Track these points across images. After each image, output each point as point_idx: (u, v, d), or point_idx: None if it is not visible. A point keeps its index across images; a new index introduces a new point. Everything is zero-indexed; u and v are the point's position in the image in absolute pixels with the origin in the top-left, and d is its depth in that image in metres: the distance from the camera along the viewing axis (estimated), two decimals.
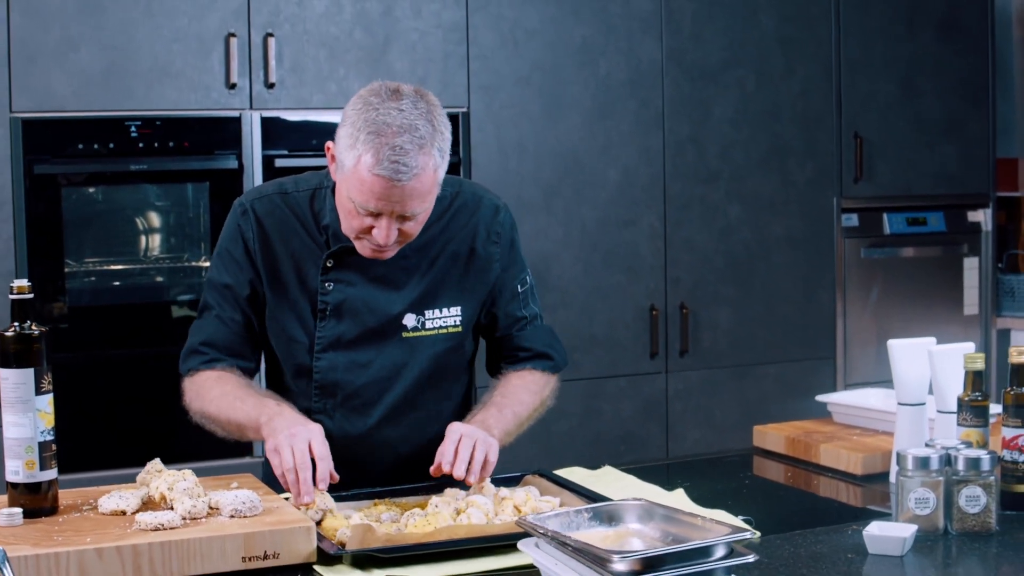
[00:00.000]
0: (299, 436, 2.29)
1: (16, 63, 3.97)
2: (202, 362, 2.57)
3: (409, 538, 2.10)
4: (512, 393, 2.63)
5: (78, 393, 4.09)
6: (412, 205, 2.35)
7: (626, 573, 1.74)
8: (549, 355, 2.73)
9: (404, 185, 2.31)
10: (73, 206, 4.09)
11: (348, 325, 2.54)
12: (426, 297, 2.57)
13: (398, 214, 2.36)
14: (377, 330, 2.55)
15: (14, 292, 2.17)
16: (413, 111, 2.33)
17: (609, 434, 4.76)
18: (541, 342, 2.72)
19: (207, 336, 2.58)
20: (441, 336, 2.59)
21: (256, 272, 2.56)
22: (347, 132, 2.35)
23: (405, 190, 2.32)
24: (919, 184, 5.24)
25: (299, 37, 4.28)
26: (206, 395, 2.54)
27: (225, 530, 2.06)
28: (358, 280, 2.54)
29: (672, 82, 4.80)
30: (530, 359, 2.71)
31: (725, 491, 2.60)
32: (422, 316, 2.57)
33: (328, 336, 2.54)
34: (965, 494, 2.22)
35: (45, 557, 1.95)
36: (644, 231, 4.79)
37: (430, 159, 2.33)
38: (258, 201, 2.58)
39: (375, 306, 2.54)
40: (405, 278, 2.56)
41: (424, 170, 2.32)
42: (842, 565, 2.05)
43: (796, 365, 5.05)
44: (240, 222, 2.57)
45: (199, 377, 2.57)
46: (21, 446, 2.16)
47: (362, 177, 2.31)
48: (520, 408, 2.62)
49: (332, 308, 2.53)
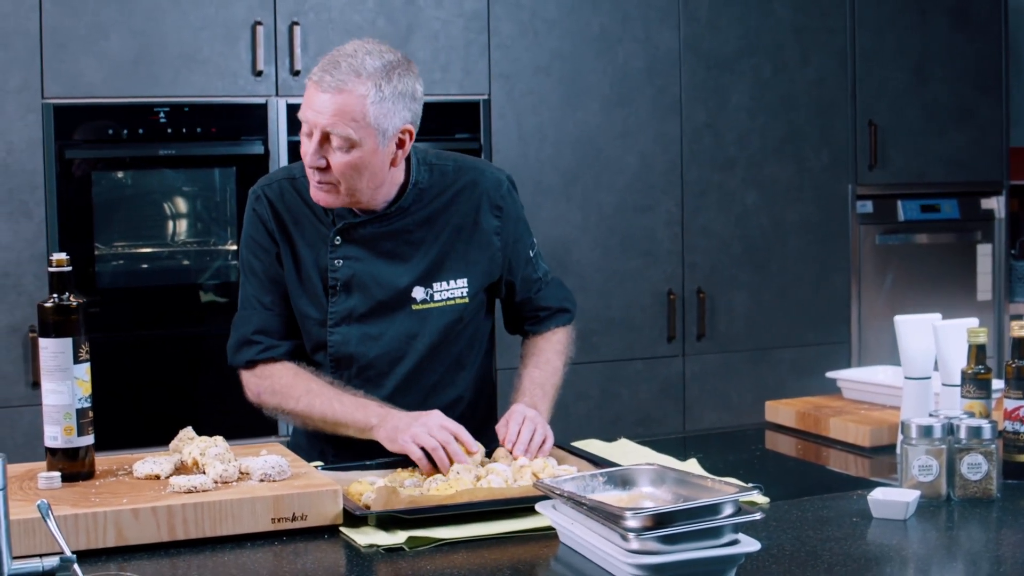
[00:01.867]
0: (430, 422, 2.44)
1: (48, 50, 4.07)
2: (259, 352, 2.66)
3: (431, 500, 2.19)
4: (547, 362, 2.79)
5: (106, 374, 4.18)
6: (332, 121, 2.46)
7: (638, 529, 1.82)
8: (566, 308, 2.88)
9: (325, 94, 2.45)
10: (103, 190, 4.19)
11: (359, 299, 2.64)
12: (433, 270, 2.67)
13: (323, 129, 2.46)
14: (387, 303, 2.65)
15: (53, 265, 2.26)
16: (368, 51, 2.50)
17: (627, 416, 4.85)
18: (557, 298, 2.87)
19: (257, 325, 2.67)
20: (449, 308, 2.68)
21: (278, 253, 2.66)
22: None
23: (326, 101, 2.45)
24: (933, 171, 5.31)
25: (324, 25, 4.37)
26: (288, 393, 2.62)
27: (255, 492, 2.15)
28: (365, 256, 2.63)
29: (689, 70, 4.88)
30: (550, 317, 2.86)
31: (737, 462, 2.69)
32: (430, 288, 2.67)
33: (340, 311, 2.64)
34: (967, 461, 2.30)
35: (84, 516, 2.04)
36: (661, 217, 4.87)
37: (362, 85, 2.46)
38: (268, 187, 2.69)
39: (383, 280, 2.64)
40: (411, 252, 2.65)
41: (350, 89, 2.45)
42: (847, 528, 2.13)
43: (811, 349, 5.12)
44: (256, 207, 2.68)
45: (269, 373, 2.66)
46: (60, 412, 2.26)
47: (306, 87, 2.50)
48: (556, 378, 2.78)
49: (342, 284, 2.63)
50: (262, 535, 2.13)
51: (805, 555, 1.99)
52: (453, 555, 2.04)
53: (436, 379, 2.72)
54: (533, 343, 2.83)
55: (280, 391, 2.63)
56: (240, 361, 2.68)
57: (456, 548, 2.07)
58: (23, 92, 4.05)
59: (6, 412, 4.03)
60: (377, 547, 2.07)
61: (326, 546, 2.10)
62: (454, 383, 2.75)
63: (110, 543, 2.05)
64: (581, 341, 4.65)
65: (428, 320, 2.67)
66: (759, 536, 2.05)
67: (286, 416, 2.66)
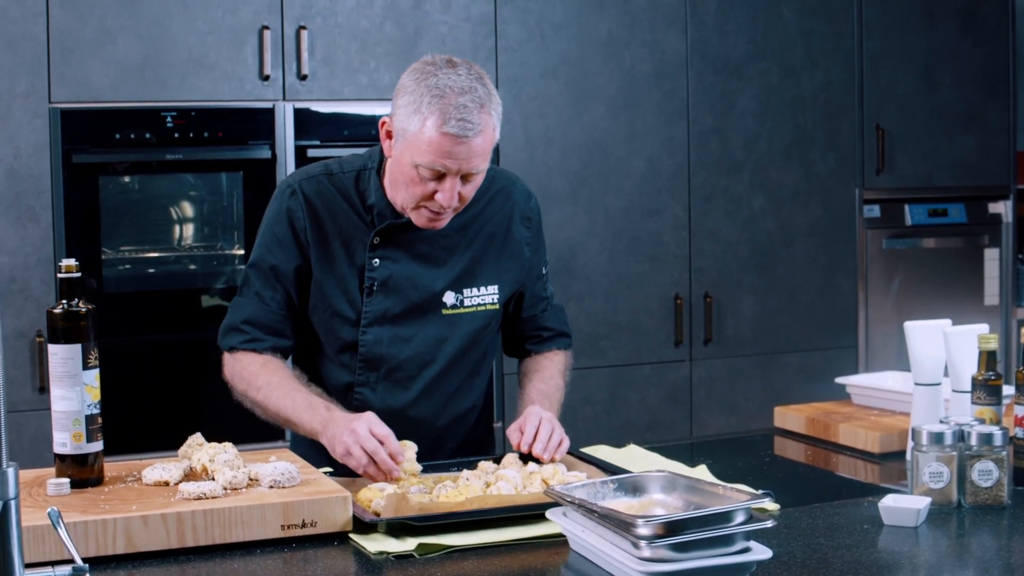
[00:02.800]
0: (359, 430, 2.42)
1: (55, 55, 4.07)
2: (243, 341, 2.67)
3: (441, 507, 2.19)
4: (551, 378, 2.80)
5: (114, 378, 4.18)
6: (476, 162, 2.46)
7: (650, 536, 1.82)
8: (567, 332, 2.91)
9: (470, 141, 2.43)
10: (110, 195, 4.19)
11: (394, 300, 2.64)
12: (465, 275, 2.68)
13: (464, 172, 2.47)
14: (420, 306, 2.66)
15: (62, 271, 2.26)
16: (469, 75, 2.46)
17: (634, 421, 4.84)
18: (559, 321, 2.89)
19: (248, 315, 2.67)
20: (479, 313, 2.70)
21: (303, 251, 2.64)
22: (408, 100, 2.46)
23: (471, 147, 2.43)
24: (940, 176, 5.30)
25: (331, 30, 4.37)
26: (252, 380, 2.64)
27: (265, 499, 2.14)
28: (403, 257, 2.64)
29: (696, 74, 4.88)
30: (552, 338, 2.87)
31: (746, 468, 2.68)
32: (461, 294, 2.68)
33: (375, 311, 2.64)
34: (978, 468, 2.29)
35: (94, 523, 2.04)
36: (668, 221, 4.87)
37: (490, 118, 2.46)
38: (306, 182, 2.67)
39: (418, 282, 2.65)
40: (446, 256, 2.66)
41: (486, 127, 2.45)
42: (858, 535, 2.13)
43: (818, 354, 5.12)
44: (289, 203, 2.66)
45: (243, 358, 2.67)
46: (68, 419, 2.26)
47: (430, 138, 2.43)
48: (560, 395, 2.80)
49: (379, 284, 2.63)
50: (272, 542, 2.13)
51: (816, 563, 1.98)
52: (463, 562, 2.03)
53: (456, 386, 2.74)
54: (536, 361, 2.85)
55: (246, 378, 2.65)
56: (224, 345, 2.70)
57: (466, 555, 2.07)
58: (30, 97, 4.05)
59: (13, 417, 4.03)
60: (387, 554, 2.06)
61: (336, 553, 2.10)
62: (471, 390, 2.77)
63: (120, 550, 2.05)
64: (589, 345, 4.72)
65: (457, 325, 2.69)
66: (770, 543, 2.05)
67: (250, 404, 2.66)
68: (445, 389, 2.72)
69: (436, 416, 2.72)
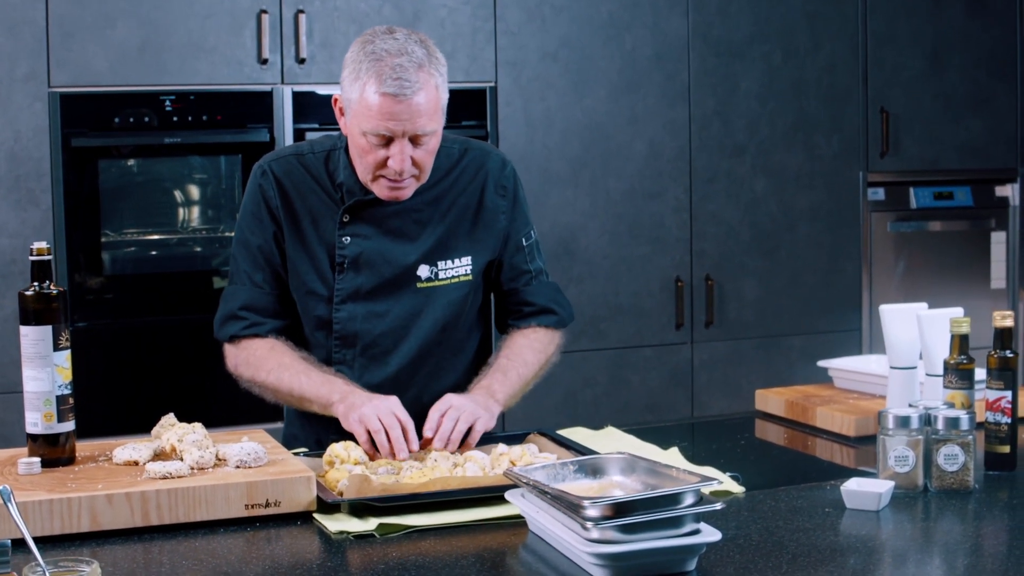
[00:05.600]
0: (382, 406, 2.46)
1: (54, 38, 4.10)
2: (243, 327, 2.69)
3: (404, 488, 2.20)
4: (517, 354, 2.74)
5: (116, 359, 4.23)
6: (421, 123, 2.48)
7: (597, 518, 1.83)
8: (553, 310, 2.82)
9: (410, 100, 2.45)
10: (109, 178, 4.22)
11: (366, 277, 2.66)
12: (438, 248, 2.69)
13: (409, 134, 2.49)
14: (393, 281, 2.67)
15: (34, 254, 2.29)
16: (407, 40, 2.50)
17: (635, 403, 4.85)
18: (545, 297, 2.82)
19: (244, 301, 2.70)
20: (453, 285, 2.70)
21: (279, 228, 2.67)
22: (349, 71, 2.52)
23: (412, 105, 2.46)
24: (946, 158, 5.28)
25: (329, 13, 4.39)
26: (261, 365, 2.66)
27: (229, 479, 2.17)
28: (373, 233, 2.65)
29: (698, 56, 4.87)
30: (535, 314, 2.81)
31: (720, 450, 2.70)
32: (435, 267, 2.68)
33: (347, 288, 2.66)
34: (944, 452, 2.29)
35: (59, 502, 2.07)
36: (670, 203, 4.87)
37: (431, 77, 2.49)
38: (275, 162, 2.70)
39: (390, 257, 2.66)
40: (418, 230, 2.67)
41: (426, 86, 2.47)
42: (818, 518, 2.13)
43: (821, 337, 5.11)
44: (261, 182, 2.69)
45: (247, 345, 2.69)
46: (40, 399, 2.28)
47: (369, 103, 2.47)
48: (524, 369, 2.72)
49: (350, 261, 2.65)
50: (236, 521, 2.15)
51: (771, 545, 1.99)
52: (421, 542, 2.05)
53: (439, 363, 2.74)
54: (511, 337, 2.81)
55: (253, 363, 2.67)
56: (224, 335, 2.72)
57: (425, 535, 2.08)
58: (30, 81, 4.08)
59: (13, 397, 4.07)
60: (347, 534, 2.08)
61: (298, 532, 2.12)
62: (454, 368, 2.77)
63: (84, 528, 2.08)
64: (590, 328, 4.73)
65: (433, 298, 2.69)
66: (729, 526, 2.06)
67: (259, 389, 2.68)
68: (426, 366, 2.72)
69: (422, 391, 2.71)
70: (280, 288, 2.71)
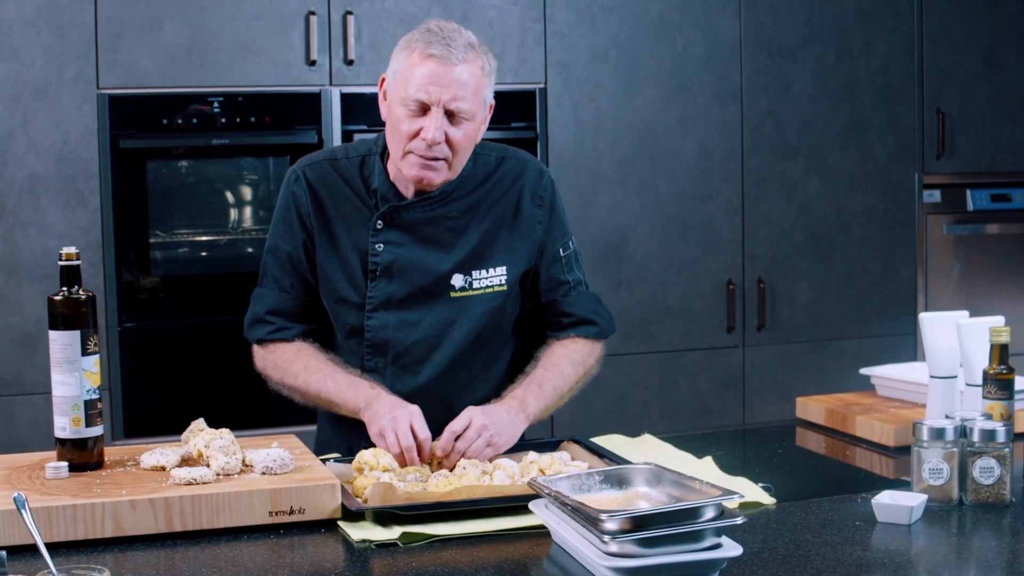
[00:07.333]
0: (401, 419, 2.44)
1: (103, 41, 4.13)
2: (270, 331, 2.69)
3: (428, 497, 2.19)
4: (555, 365, 2.68)
5: (164, 360, 4.25)
6: (459, 96, 2.48)
7: (615, 531, 1.81)
8: (593, 320, 2.75)
9: (453, 67, 2.47)
10: (158, 179, 4.24)
11: (398, 285, 2.63)
12: (473, 257, 2.65)
13: (446, 104, 2.47)
14: (426, 289, 2.64)
15: (62, 259, 2.30)
16: (461, 31, 2.53)
17: (686, 407, 4.81)
18: (584, 308, 2.76)
19: (271, 305, 2.70)
20: (487, 295, 2.66)
21: (309, 236, 2.66)
22: (400, 46, 2.55)
23: (454, 73, 2.47)
24: (1003, 160, 5.19)
25: (377, 15, 4.38)
26: (288, 368, 2.66)
27: (254, 485, 2.16)
28: (407, 241, 2.63)
29: (750, 57, 4.82)
30: (573, 325, 2.74)
31: (756, 460, 2.66)
32: (469, 276, 2.65)
33: (379, 296, 2.64)
34: (979, 465, 2.24)
35: (83, 507, 2.07)
36: (721, 205, 4.82)
37: (477, 58, 2.51)
38: (309, 168, 2.69)
39: (424, 266, 2.63)
40: (453, 239, 2.64)
41: (471, 64, 2.49)
42: (847, 532, 2.09)
43: (876, 341, 5.04)
44: (293, 188, 2.68)
45: (275, 349, 2.70)
46: (68, 403, 2.29)
47: (414, 65, 2.48)
48: (561, 382, 2.67)
49: (383, 268, 2.63)
50: (260, 528, 2.15)
51: (796, 560, 1.95)
52: (444, 551, 2.03)
53: (473, 373, 2.70)
54: (549, 347, 2.73)
55: (281, 366, 2.67)
56: (252, 338, 2.73)
57: (448, 544, 2.07)
58: (78, 83, 4.12)
59: None
60: (370, 542, 2.07)
61: (322, 540, 2.11)
62: (487, 379, 2.73)
63: (108, 533, 2.08)
64: (639, 331, 4.70)
65: (466, 308, 2.66)
66: (756, 539, 2.03)
67: (288, 392, 2.68)
68: (460, 375, 2.69)
69: (454, 400, 2.68)
70: (308, 294, 2.70)
